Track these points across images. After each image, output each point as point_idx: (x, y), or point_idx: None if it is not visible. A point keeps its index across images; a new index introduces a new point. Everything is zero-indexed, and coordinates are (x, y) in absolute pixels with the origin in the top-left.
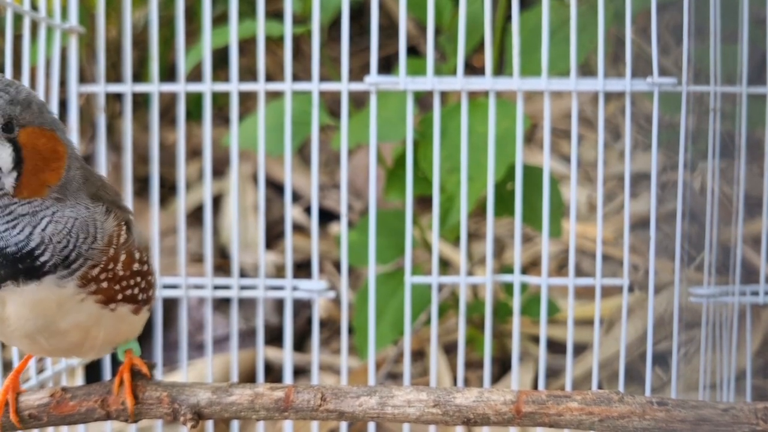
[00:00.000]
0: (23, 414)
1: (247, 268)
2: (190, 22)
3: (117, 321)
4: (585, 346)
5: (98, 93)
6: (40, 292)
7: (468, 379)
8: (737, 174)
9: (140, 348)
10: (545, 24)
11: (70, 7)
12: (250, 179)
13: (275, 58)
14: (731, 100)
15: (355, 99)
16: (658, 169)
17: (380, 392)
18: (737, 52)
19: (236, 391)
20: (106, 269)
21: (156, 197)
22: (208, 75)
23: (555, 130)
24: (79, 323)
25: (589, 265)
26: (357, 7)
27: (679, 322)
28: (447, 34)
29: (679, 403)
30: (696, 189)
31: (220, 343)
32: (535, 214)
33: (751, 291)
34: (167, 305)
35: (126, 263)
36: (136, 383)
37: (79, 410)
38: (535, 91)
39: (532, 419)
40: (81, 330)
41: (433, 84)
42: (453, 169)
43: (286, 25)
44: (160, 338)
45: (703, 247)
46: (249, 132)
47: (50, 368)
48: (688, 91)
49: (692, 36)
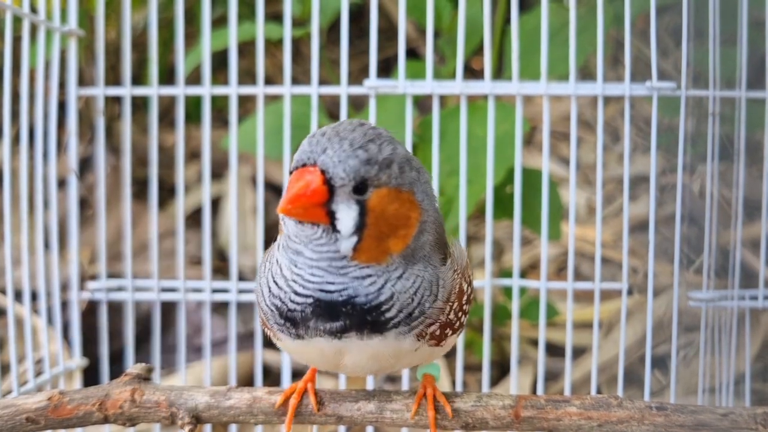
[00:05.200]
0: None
1: (245, 270)
2: (189, 25)
3: (433, 352)
4: (584, 350)
5: (97, 96)
6: (381, 346)
7: (467, 383)
8: (736, 177)
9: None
10: (544, 26)
11: (69, 9)
12: (249, 182)
13: (275, 61)
14: (730, 103)
15: (354, 101)
16: (658, 172)
17: (379, 396)
18: (736, 55)
19: (234, 394)
20: (442, 322)
21: (155, 200)
22: (208, 78)
23: (554, 132)
24: (407, 363)
25: (589, 268)
26: (356, 10)
27: (679, 325)
28: (446, 36)
29: (678, 408)
30: (695, 192)
31: (219, 346)
32: (534, 217)
33: (750, 295)
34: (166, 308)
35: (458, 306)
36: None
37: (76, 414)
38: (534, 95)
39: (531, 424)
40: (408, 364)
41: (433, 88)
42: (452, 171)
43: (285, 28)
44: (158, 341)
45: (703, 251)
46: (248, 134)
47: (48, 371)
48: (687, 95)
49: (691, 39)
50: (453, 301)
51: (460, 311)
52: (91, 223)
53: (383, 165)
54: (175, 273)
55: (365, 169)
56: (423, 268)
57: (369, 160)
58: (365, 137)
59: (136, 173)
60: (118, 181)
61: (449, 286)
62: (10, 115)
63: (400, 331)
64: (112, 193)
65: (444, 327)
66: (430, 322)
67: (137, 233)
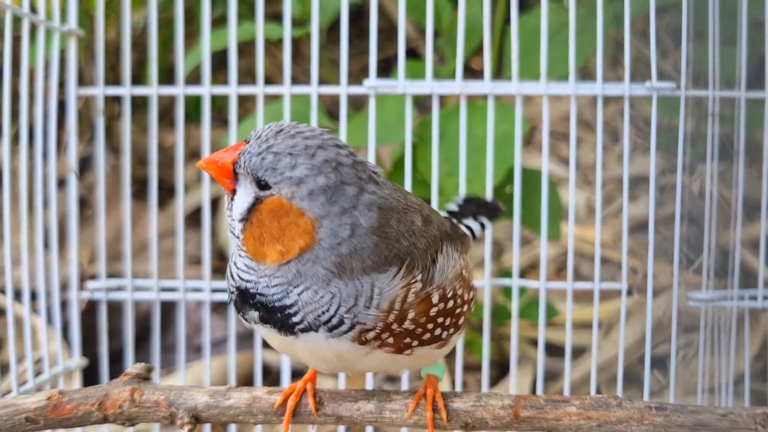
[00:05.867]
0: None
1: None
2: (189, 24)
3: (417, 359)
4: (583, 350)
5: (97, 95)
6: (313, 344)
7: (466, 383)
8: (736, 177)
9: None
10: (544, 27)
11: (69, 9)
12: None
13: (274, 60)
14: (730, 103)
15: (354, 101)
16: (657, 172)
17: (378, 396)
18: (736, 55)
19: (234, 394)
20: (387, 330)
21: (155, 199)
22: (207, 77)
23: (554, 133)
24: (372, 366)
25: (588, 268)
26: (356, 10)
27: (678, 325)
28: (446, 36)
29: (677, 408)
30: (695, 192)
31: (218, 346)
32: (533, 217)
33: (750, 295)
34: (165, 308)
35: (419, 314)
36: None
37: (76, 414)
38: (534, 95)
39: (531, 424)
40: (377, 367)
41: (432, 88)
42: (452, 171)
43: (285, 28)
44: (158, 341)
45: (702, 251)
46: (248, 134)
47: (47, 371)
48: (687, 95)
49: (691, 39)
50: (403, 312)
51: (433, 320)
52: (91, 222)
53: (288, 180)
54: (175, 273)
55: (264, 172)
56: (348, 281)
57: (272, 169)
58: (292, 148)
59: (136, 173)
60: (118, 181)
61: (391, 296)
62: (10, 115)
63: (323, 334)
64: (111, 192)
65: (400, 336)
66: (365, 328)
67: (137, 233)
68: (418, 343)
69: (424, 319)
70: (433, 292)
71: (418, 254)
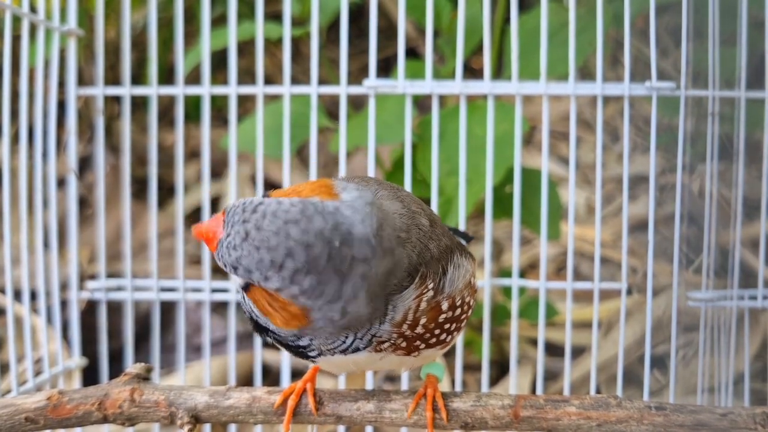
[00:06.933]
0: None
1: None
2: (188, 24)
3: (421, 359)
4: (583, 349)
5: (97, 95)
6: (329, 359)
7: (466, 382)
8: (736, 177)
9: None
10: (544, 26)
11: (68, 9)
12: (248, 181)
13: (274, 60)
14: (730, 103)
15: (354, 101)
16: (657, 172)
17: (378, 396)
18: (736, 55)
19: (234, 394)
20: (401, 336)
21: (154, 199)
22: (207, 77)
23: (554, 132)
24: (383, 366)
25: (588, 267)
26: (356, 10)
27: (678, 325)
28: (446, 36)
29: (677, 408)
30: (695, 192)
31: (218, 346)
32: (533, 217)
33: (750, 295)
34: (165, 308)
35: (429, 320)
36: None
37: (76, 413)
38: (533, 94)
39: (530, 424)
40: (387, 367)
41: (432, 87)
42: (451, 171)
43: (285, 28)
44: (157, 341)
45: (702, 251)
46: (248, 134)
47: (47, 371)
48: (686, 95)
49: (691, 39)
50: (415, 321)
51: (440, 326)
52: (91, 222)
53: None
54: (175, 272)
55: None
56: (357, 308)
57: (248, 271)
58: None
59: (136, 173)
60: (118, 181)
61: (402, 311)
62: (10, 115)
63: (349, 351)
64: (111, 192)
65: (411, 340)
66: (381, 341)
67: (137, 233)
68: (425, 345)
69: (433, 325)
70: (443, 301)
71: (432, 262)
